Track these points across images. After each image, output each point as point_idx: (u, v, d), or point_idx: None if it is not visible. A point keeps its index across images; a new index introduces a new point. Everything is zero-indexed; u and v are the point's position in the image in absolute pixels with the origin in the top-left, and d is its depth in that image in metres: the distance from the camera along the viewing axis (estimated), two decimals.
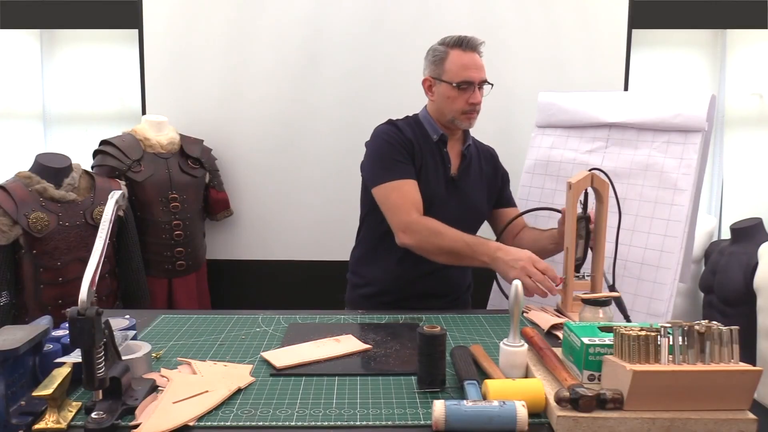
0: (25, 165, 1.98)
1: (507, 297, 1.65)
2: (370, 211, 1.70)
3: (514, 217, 1.78)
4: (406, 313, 1.47)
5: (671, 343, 0.90)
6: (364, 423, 0.91)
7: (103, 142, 2.31)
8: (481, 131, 2.64)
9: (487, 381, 0.97)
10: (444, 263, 1.57)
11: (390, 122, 1.72)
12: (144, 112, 2.62)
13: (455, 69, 1.64)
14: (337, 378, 1.07)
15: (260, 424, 0.90)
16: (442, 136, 1.70)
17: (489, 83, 1.68)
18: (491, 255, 1.47)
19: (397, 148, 1.63)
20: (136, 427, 0.87)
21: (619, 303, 1.44)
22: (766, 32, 2.73)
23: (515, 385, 0.97)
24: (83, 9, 2.68)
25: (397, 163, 1.62)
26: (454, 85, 1.63)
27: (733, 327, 0.90)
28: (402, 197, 1.59)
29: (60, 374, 0.91)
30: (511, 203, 1.88)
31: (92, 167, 2.27)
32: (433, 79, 1.68)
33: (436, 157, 1.69)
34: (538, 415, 0.93)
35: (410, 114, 1.79)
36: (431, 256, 1.56)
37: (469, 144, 1.76)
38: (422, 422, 0.91)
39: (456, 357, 1.09)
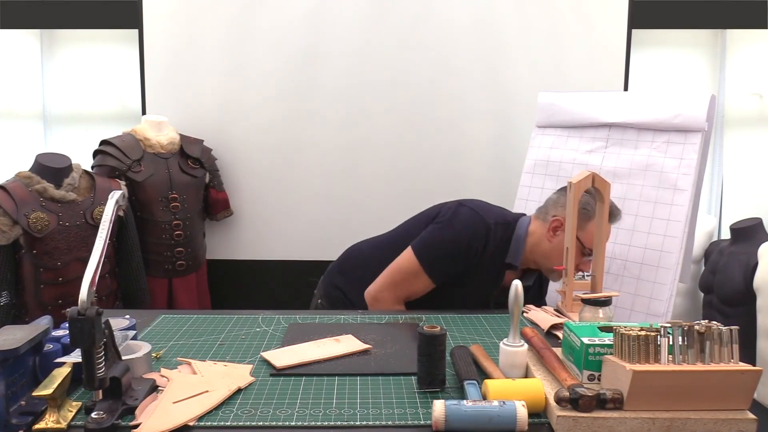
0: (25, 165, 1.98)
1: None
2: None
3: None
4: (406, 313, 1.47)
5: (671, 343, 0.90)
6: (364, 423, 0.91)
7: (103, 142, 2.31)
8: (481, 131, 2.66)
9: (487, 381, 0.97)
10: None
11: (488, 227, 1.55)
12: (144, 112, 2.63)
13: (591, 235, 1.52)
14: (337, 378, 1.07)
15: (260, 424, 0.90)
16: (513, 264, 1.57)
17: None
18: None
19: (456, 253, 1.53)
20: (136, 427, 0.87)
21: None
22: (766, 32, 2.73)
23: (515, 385, 0.97)
24: (83, 9, 2.68)
25: (441, 262, 1.53)
26: (586, 251, 1.53)
27: (732, 327, 0.90)
28: (407, 285, 1.55)
29: (60, 374, 0.91)
30: None
31: (92, 167, 2.27)
32: (561, 222, 1.54)
33: (491, 276, 1.59)
34: (538, 415, 0.93)
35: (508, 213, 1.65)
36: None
37: (530, 285, 1.65)
38: (422, 422, 0.91)
39: (456, 357, 1.09)
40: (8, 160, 2.72)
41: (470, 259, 1.54)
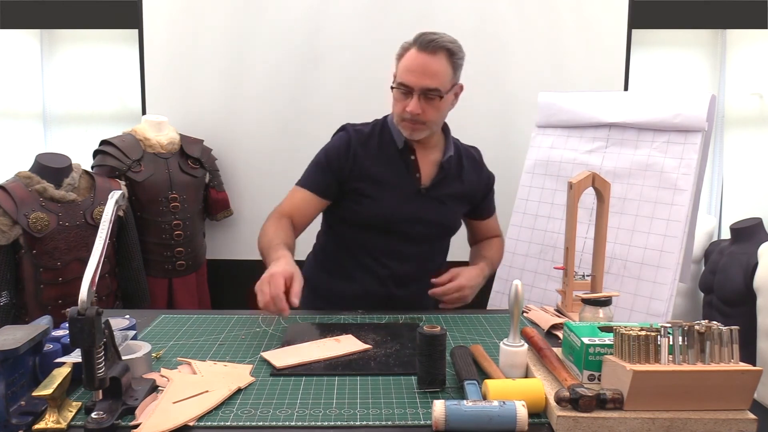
0: (25, 165, 1.98)
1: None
2: (329, 223, 1.65)
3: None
4: (406, 314, 1.47)
5: (671, 343, 0.90)
6: (364, 423, 0.91)
7: (103, 142, 2.31)
8: (481, 131, 2.66)
9: (487, 381, 0.97)
10: None
11: (344, 128, 1.63)
12: (144, 112, 2.62)
13: (401, 69, 1.48)
14: (337, 378, 1.07)
15: (260, 424, 0.90)
16: (406, 142, 1.55)
17: (438, 94, 1.45)
18: (269, 262, 1.35)
19: (326, 160, 1.55)
20: (136, 427, 0.87)
21: None
22: (766, 32, 2.73)
23: (515, 385, 0.97)
24: (83, 9, 2.68)
25: (314, 171, 1.57)
26: (393, 86, 1.49)
27: (733, 327, 0.90)
28: (285, 200, 1.56)
29: (60, 374, 0.91)
30: (490, 213, 1.75)
31: (92, 167, 2.27)
32: (394, 76, 1.53)
33: (398, 166, 1.55)
34: (538, 415, 0.93)
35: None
36: None
37: (451, 155, 1.59)
38: (422, 422, 0.91)
39: (456, 357, 1.09)
40: (8, 160, 2.72)
41: (335, 162, 1.54)
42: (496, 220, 1.78)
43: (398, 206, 1.54)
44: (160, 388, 1.00)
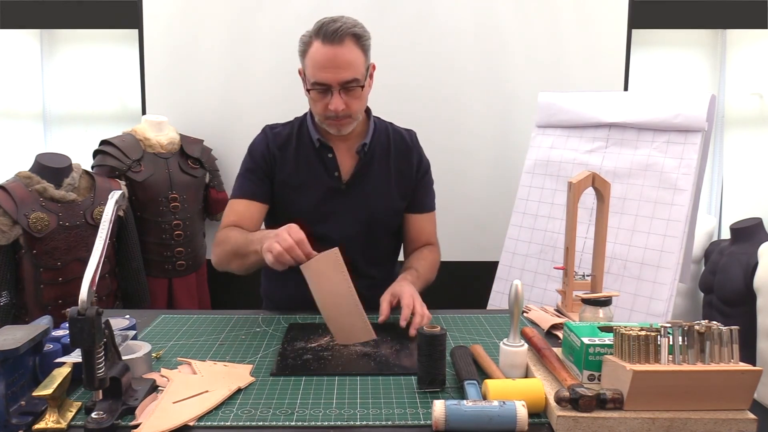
0: (25, 165, 1.98)
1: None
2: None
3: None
4: None
5: (671, 343, 0.90)
6: (364, 423, 0.91)
7: (103, 142, 2.31)
8: (481, 131, 2.66)
9: (487, 381, 0.97)
10: (242, 273, 1.41)
11: (263, 130, 1.56)
12: (144, 112, 2.63)
13: (310, 67, 1.37)
14: (337, 378, 1.07)
15: (260, 424, 0.90)
16: (320, 140, 1.48)
17: (358, 84, 1.37)
18: (262, 238, 1.25)
19: (252, 163, 1.50)
20: (136, 427, 0.87)
21: None
22: (766, 32, 2.74)
23: (515, 385, 0.97)
24: (83, 9, 2.68)
25: (245, 179, 1.49)
26: (308, 87, 1.40)
27: (733, 327, 0.90)
28: (227, 216, 1.48)
29: (60, 374, 0.91)
30: (423, 207, 1.58)
31: (92, 167, 2.27)
32: (301, 73, 1.43)
33: (317, 167, 1.48)
34: (538, 415, 0.93)
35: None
36: (229, 267, 1.41)
37: (365, 143, 1.49)
38: (422, 422, 0.91)
39: (456, 357, 1.09)
40: (8, 160, 2.72)
41: (260, 163, 1.49)
42: (433, 222, 1.62)
43: (318, 208, 1.48)
44: (160, 388, 1.00)
